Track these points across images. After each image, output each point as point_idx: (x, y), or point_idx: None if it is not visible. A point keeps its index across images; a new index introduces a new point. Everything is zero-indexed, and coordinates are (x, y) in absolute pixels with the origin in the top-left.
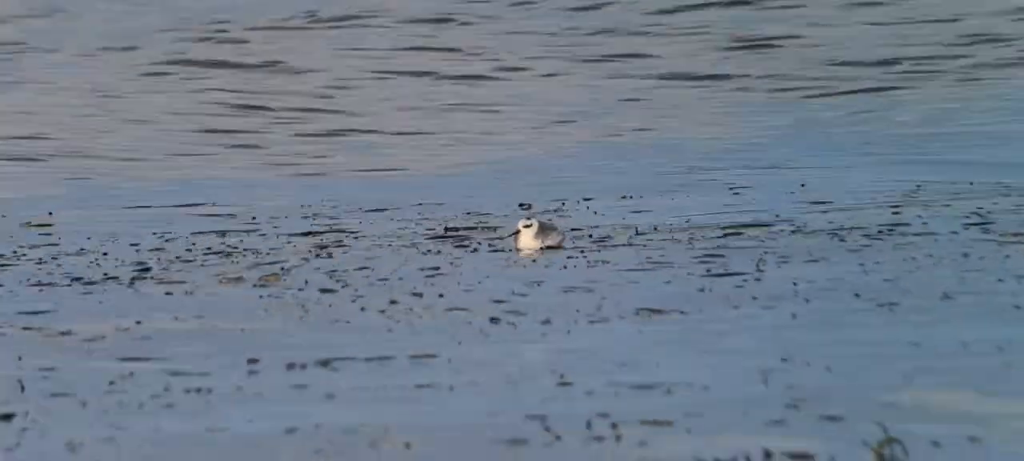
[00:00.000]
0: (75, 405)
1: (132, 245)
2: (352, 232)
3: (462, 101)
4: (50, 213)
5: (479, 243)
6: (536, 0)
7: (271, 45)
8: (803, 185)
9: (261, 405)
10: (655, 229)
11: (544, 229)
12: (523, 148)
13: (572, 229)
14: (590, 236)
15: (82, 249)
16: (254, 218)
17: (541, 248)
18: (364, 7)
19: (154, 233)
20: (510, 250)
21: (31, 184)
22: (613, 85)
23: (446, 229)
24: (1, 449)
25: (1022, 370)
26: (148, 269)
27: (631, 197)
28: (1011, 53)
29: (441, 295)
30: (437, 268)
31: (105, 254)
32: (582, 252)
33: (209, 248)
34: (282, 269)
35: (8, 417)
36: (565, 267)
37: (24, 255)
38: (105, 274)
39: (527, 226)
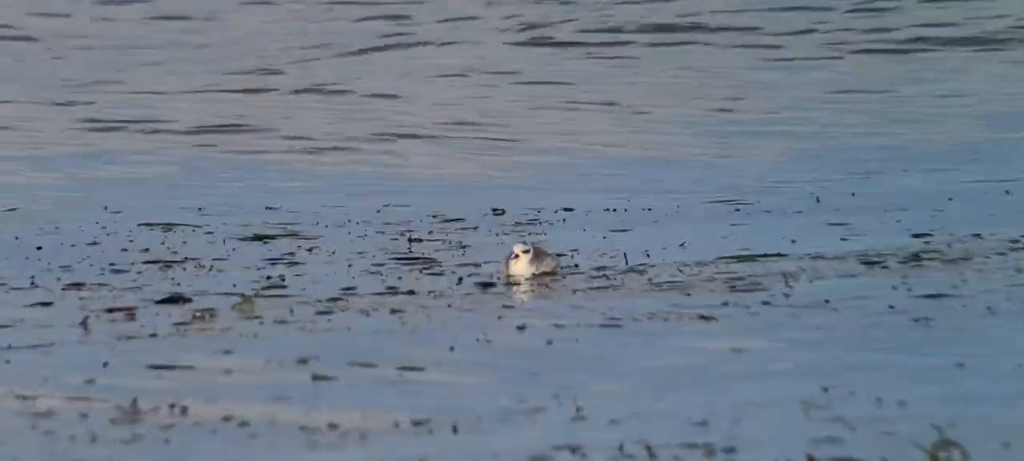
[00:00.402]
0: None
1: None
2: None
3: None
4: None
5: (457, 273)
6: None
7: None
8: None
9: None
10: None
11: (538, 255)
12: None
13: (559, 254)
14: (577, 265)
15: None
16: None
17: (534, 275)
18: None
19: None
20: (499, 279)
21: None
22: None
23: (410, 240)
24: None
25: None
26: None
27: (617, 210)
28: None
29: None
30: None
31: None
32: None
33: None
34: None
35: None
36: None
37: None
38: None
39: (525, 252)
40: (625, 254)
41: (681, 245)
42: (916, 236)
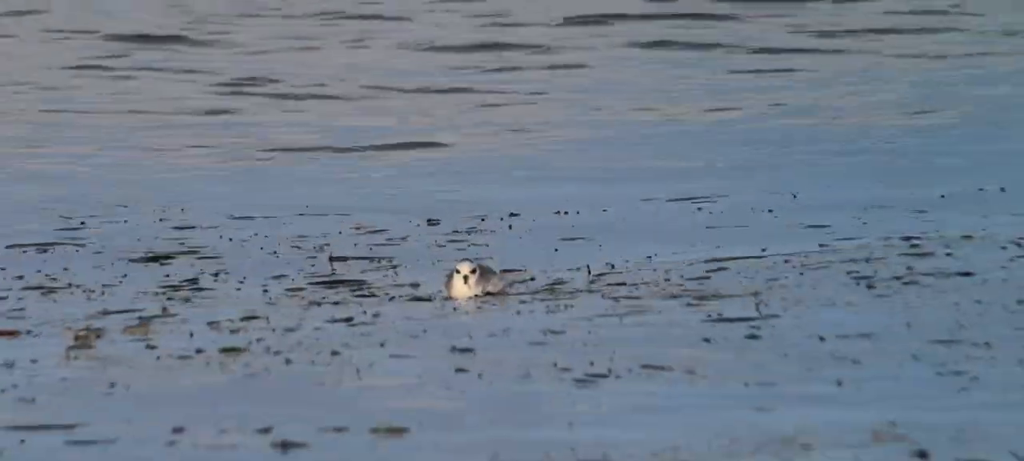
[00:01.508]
0: None
1: None
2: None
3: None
4: None
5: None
6: None
7: None
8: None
9: None
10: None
11: (483, 273)
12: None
13: (503, 270)
14: (532, 279)
15: None
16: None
17: (478, 295)
18: None
19: None
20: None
21: None
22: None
23: (331, 259)
24: None
25: None
26: None
27: (567, 212)
28: None
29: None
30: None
31: None
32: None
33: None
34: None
35: None
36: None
37: None
38: None
39: (472, 272)
40: (589, 267)
41: (648, 258)
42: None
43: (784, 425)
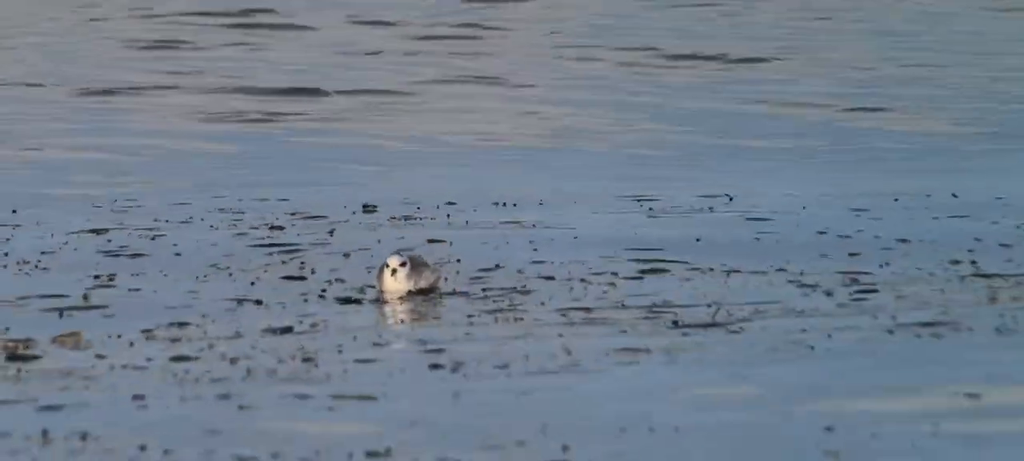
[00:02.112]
0: None
1: None
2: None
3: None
4: None
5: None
6: None
7: None
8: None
9: None
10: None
11: (415, 267)
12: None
13: (440, 261)
14: (459, 272)
15: None
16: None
17: (411, 292)
18: None
19: None
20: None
21: None
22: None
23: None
24: None
25: None
26: None
27: (506, 204)
28: None
29: None
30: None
31: None
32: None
33: None
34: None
35: None
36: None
37: None
38: None
39: (402, 265)
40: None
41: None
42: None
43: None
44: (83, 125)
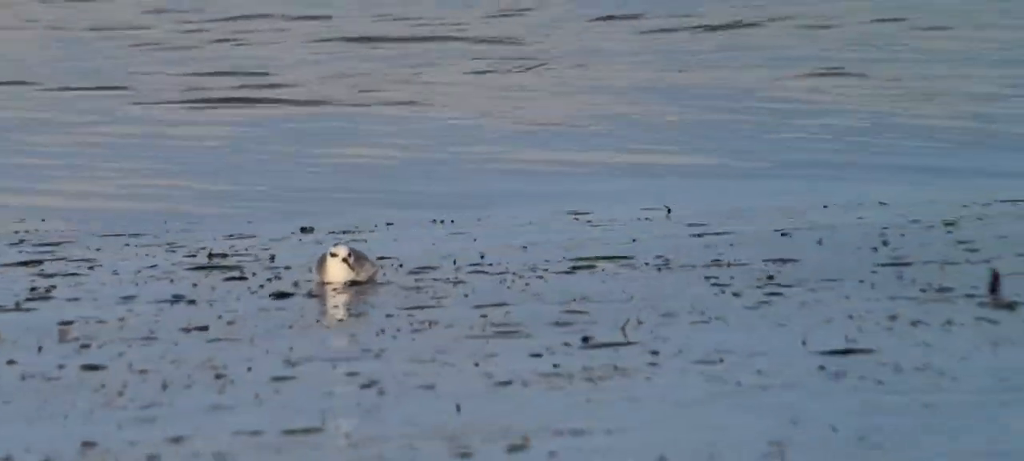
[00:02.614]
0: None
1: None
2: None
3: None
4: None
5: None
6: None
7: None
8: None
9: None
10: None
11: (357, 258)
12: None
13: (380, 258)
14: (404, 269)
15: None
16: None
17: (349, 283)
18: None
19: None
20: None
21: None
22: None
23: (211, 255)
24: None
25: None
26: None
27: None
28: None
29: None
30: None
31: None
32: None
33: None
34: None
35: None
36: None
37: None
38: None
39: (348, 256)
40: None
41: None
42: None
43: None
44: None
